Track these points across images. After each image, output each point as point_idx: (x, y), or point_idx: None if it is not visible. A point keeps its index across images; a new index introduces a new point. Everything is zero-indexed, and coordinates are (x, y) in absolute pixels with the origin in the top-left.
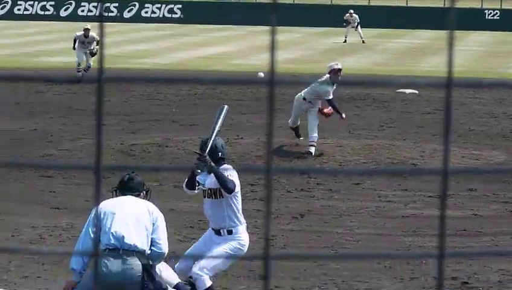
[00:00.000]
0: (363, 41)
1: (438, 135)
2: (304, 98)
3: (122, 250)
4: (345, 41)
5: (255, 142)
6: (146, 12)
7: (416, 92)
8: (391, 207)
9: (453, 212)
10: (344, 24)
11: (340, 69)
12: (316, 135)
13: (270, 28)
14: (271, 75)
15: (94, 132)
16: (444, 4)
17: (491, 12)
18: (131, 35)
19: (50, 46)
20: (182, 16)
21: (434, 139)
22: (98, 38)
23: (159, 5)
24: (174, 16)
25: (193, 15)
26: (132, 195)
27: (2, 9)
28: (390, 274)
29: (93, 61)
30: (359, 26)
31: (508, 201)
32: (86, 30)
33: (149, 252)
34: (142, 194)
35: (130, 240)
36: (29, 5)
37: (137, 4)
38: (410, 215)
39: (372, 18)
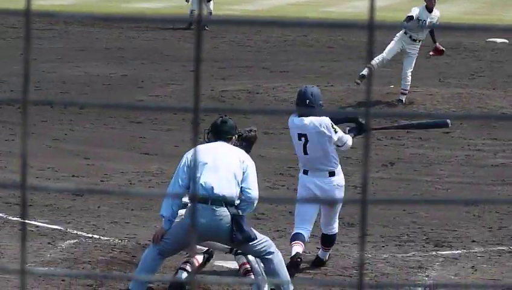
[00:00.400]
0: None
1: None
2: (405, 33)
3: (212, 200)
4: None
5: (345, 90)
6: None
7: (507, 41)
8: (480, 156)
9: None
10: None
11: None
12: (408, 82)
13: None
14: (370, 19)
15: (184, 78)
16: None
17: None
18: None
19: None
20: None
21: None
22: None
23: None
24: None
25: None
26: (224, 139)
27: None
28: (479, 223)
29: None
30: None
31: None
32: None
33: (238, 202)
34: (234, 137)
35: (219, 190)
36: None
37: None
38: (500, 165)
39: None
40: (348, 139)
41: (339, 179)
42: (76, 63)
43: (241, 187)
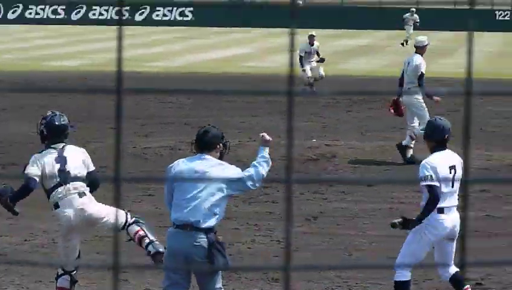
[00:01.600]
0: (405, 42)
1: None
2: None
3: (190, 226)
4: (403, 43)
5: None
6: (157, 15)
7: None
8: (404, 208)
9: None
10: (404, 25)
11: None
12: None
13: (288, 30)
14: (289, 83)
15: (105, 136)
16: (455, 5)
17: (501, 13)
18: (142, 38)
19: (59, 50)
20: (193, 18)
21: None
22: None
23: (170, 8)
24: (185, 18)
25: (204, 17)
26: (209, 149)
27: (13, 13)
28: None
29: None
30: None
31: None
32: (311, 37)
33: (215, 224)
34: (218, 146)
35: (198, 216)
36: (40, 9)
37: (148, 7)
38: None
39: (382, 20)
40: None
41: None
42: None
43: (234, 192)
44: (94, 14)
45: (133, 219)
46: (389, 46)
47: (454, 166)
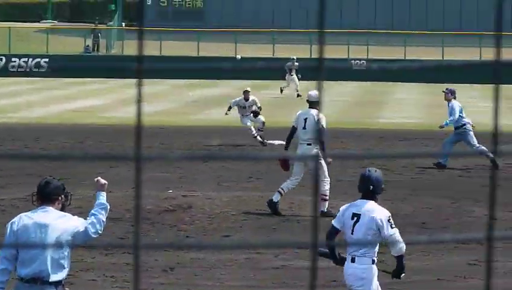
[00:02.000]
0: (298, 95)
1: (305, 186)
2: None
3: (40, 280)
4: (281, 91)
5: (123, 195)
6: (13, 66)
7: (283, 142)
8: (261, 258)
9: (322, 263)
10: (287, 73)
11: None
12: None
13: (136, 80)
14: (137, 145)
15: None
16: (348, 55)
17: (357, 62)
18: (2, 89)
19: None
20: (49, 69)
21: (303, 190)
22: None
23: (25, 59)
24: (41, 70)
25: (60, 68)
26: (50, 201)
27: None
28: None
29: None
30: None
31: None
32: (246, 93)
33: (64, 277)
34: (60, 198)
35: (46, 270)
36: None
37: (4, 58)
38: (280, 267)
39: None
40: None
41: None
42: None
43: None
44: None
45: None
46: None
47: (359, 215)
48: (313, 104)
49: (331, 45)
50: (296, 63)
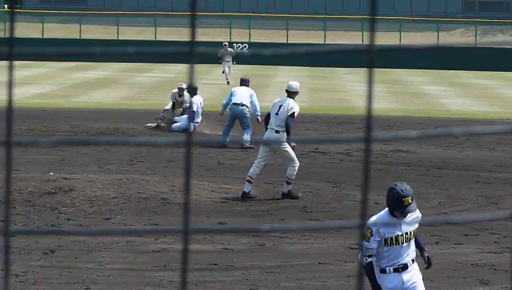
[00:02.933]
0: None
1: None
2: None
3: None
4: (228, 82)
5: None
6: None
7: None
8: (141, 241)
9: (203, 246)
10: (219, 59)
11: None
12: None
13: (7, 63)
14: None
15: None
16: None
17: (239, 46)
18: None
19: None
20: None
21: (183, 173)
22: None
23: None
24: None
25: None
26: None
27: None
28: None
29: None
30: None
31: (258, 235)
32: (180, 89)
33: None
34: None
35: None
36: None
37: None
38: (161, 250)
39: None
40: None
41: None
42: None
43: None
44: None
45: None
46: (123, 79)
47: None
48: (291, 94)
49: (214, 28)
50: (230, 49)
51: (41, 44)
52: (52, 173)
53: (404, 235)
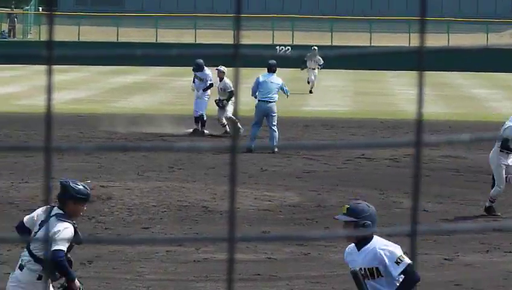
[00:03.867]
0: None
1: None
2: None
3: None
4: (311, 91)
5: (39, 186)
6: None
7: (207, 131)
8: (182, 251)
9: (246, 256)
10: (302, 64)
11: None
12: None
13: (46, 67)
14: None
15: None
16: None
17: (282, 49)
18: None
19: None
20: None
21: (225, 180)
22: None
23: None
24: None
25: None
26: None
27: None
28: None
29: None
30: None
31: (302, 244)
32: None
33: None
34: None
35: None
36: None
37: None
38: (202, 260)
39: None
40: None
41: None
42: None
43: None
44: None
45: None
46: (162, 83)
47: None
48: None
49: (218, 30)
50: (318, 57)
51: (78, 47)
52: (89, 181)
53: (362, 269)
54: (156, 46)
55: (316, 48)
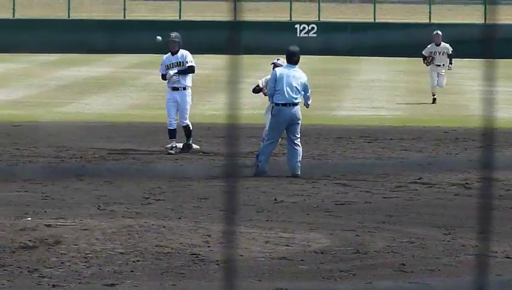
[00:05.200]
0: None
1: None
2: None
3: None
4: (434, 100)
5: None
6: None
7: (198, 147)
8: None
9: None
10: (426, 60)
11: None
12: None
13: None
14: None
15: None
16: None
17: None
18: None
19: None
20: None
21: (223, 217)
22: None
23: None
24: None
25: None
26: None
27: None
28: None
29: None
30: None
31: None
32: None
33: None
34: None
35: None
36: None
37: None
38: None
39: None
40: None
41: None
42: None
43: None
44: None
45: None
46: (132, 78)
47: None
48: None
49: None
50: (445, 44)
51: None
52: (30, 219)
53: None
54: (122, 26)
55: (439, 32)
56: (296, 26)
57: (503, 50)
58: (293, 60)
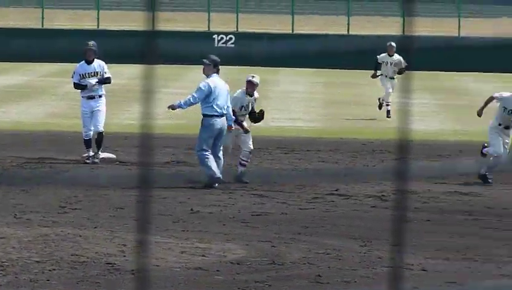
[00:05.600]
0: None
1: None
2: None
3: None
4: (380, 105)
5: None
6: None
7: (114, 156)
8: None
9: None
10: (376, 70)
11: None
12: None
13: None
14: None
15: None
16: None
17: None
18: None
19: None
20: None
21: (138, 226)
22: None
23: None
24: None
25: None
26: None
27: None
28: None
29: None
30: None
31: None
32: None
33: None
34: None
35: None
36: None
37: None
38: None
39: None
40: None
41: None
42: None
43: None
44: None
45: None
46: (52, 87)
47: None
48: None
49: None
50: (398, 56)
51: None
52: None
53: None
54: (42, 34)
55: (392, 43)
56: (214, 36)
57: (419, 62)
58: (216, 69)
